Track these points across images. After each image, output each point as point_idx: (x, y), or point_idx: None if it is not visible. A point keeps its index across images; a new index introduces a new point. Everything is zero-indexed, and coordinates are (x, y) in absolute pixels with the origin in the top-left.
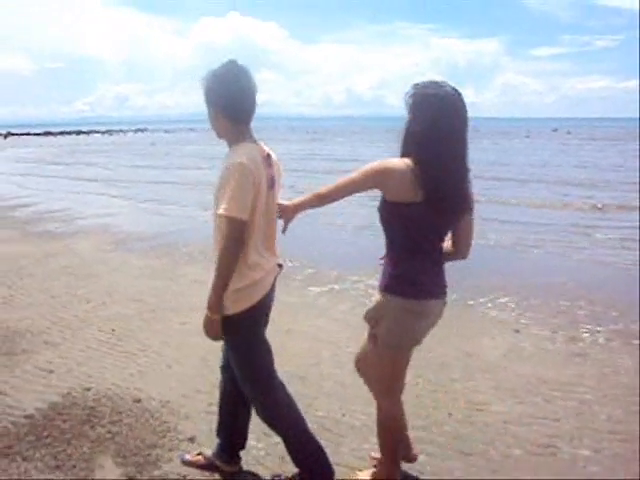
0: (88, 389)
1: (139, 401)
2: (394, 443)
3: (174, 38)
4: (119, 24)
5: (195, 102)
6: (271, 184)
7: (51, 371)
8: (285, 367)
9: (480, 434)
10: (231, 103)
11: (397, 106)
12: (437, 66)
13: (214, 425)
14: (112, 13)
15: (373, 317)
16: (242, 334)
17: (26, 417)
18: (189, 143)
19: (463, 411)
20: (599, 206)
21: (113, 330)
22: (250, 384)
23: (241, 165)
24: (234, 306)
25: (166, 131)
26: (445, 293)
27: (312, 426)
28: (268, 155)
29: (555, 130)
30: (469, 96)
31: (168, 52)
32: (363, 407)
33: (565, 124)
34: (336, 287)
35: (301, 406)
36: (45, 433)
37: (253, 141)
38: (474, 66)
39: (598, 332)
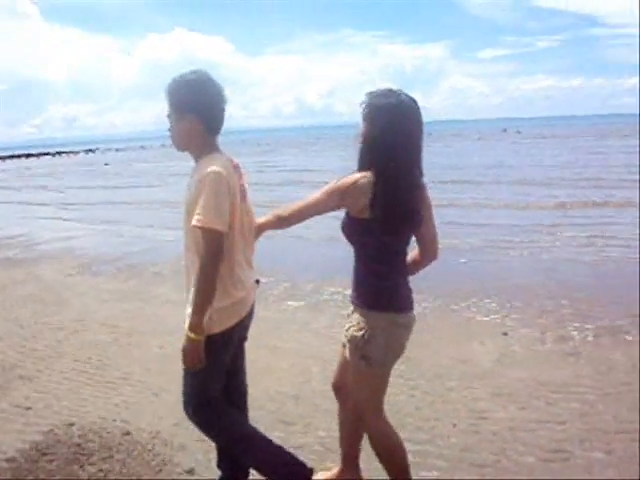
0: (71, 424)
1: (128, 434)
2: (401, 459)
3: (120, 56)
4: (65, 44)
5: (144, 120)
6: (243, 195)
7: (28, 408)
8: (276, 387)
9: (488, 444)
10: (209, 109)
11: (346, 114)
12: (385, 72)
13: (212, 454)
14: (57, 34)
15: (361, 338)
16: (216, 355)
17: (7, 460)
18: (142, 161)
19: (466, 420)
20: (561, 204)
21: (89, 359)
22: (204, 408)
23: (216, 174)
24: (216, 326)
25: (117, 150)
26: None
27: (316, 447)
28: (237, 165)
29: (505, 130)
30: (417, 101)
31: (115, 71)
32: None
33: (513, 124)
34: (314, 300)
35: (300, 427)
36: (30, 477)
37: (221, 152)
38: (421, 71)
39: (586, 330)
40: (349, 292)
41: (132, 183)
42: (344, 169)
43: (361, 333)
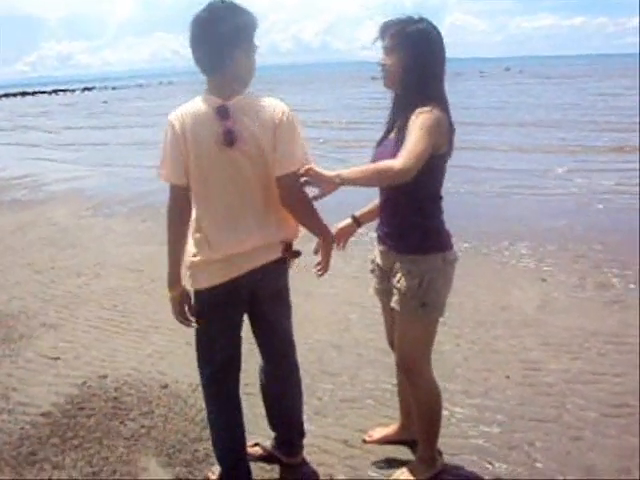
0: (104, 376)
1: (166, 387)
2: (438, 422)
3: None
4: None
5: (140, 58)
6: (227, 140)
7: (56, 358)
8: (316, 335)
9: (547, 397)
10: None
11: (344, 51)
12: (384, 9)
13: (258, 409)
14: None
15: (419, 287)
16: (205, 314)
17: (43, 415)
18: (139, 99)
19: (519, 372)
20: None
21: (115, 306)
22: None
23: (168, 122)
24: (192, 282)
25: (114, 88)
26: None
27: (367, 401)
28: (222, 107)
29: (508, 69)
30: None
31: (110, 8)
32: None
33: (515, 63)
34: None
35: (346, 378)
36: (70, 434)
37: (203, 94)
38: (421, 8)
39: (626, 276)
40: (373, 233)
41: (134, 122)
42: (346, 107)
43: (416, 281)
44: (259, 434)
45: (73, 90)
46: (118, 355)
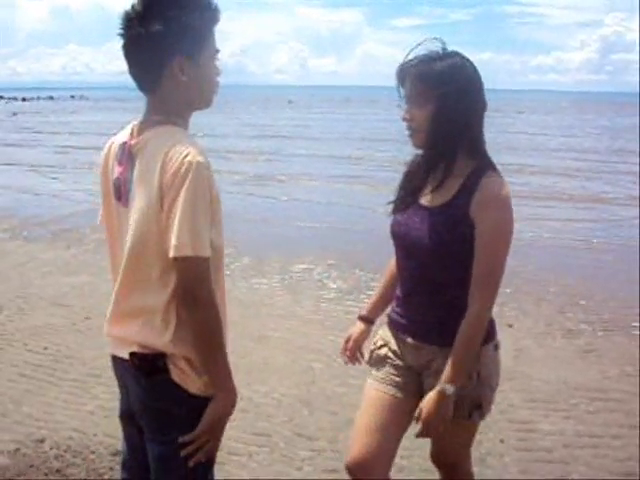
0: (41, 440)
1: (117, 454)
2: None
3: (28, 1)
4: None
5: (50, 69)
6: (115, 193)
7: None
8: (281, 388)
9: (548, 465)
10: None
11: (258, 74)
12: (301, 35)
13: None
14: None
15: (473, 387)
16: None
17: None
18: (51, 112)
19: (513, 434)
20: None
21: (45, 349)
22: None
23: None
24: None
25: (24, 99)
26: None
27: None
28: (124, 144)
29: None
30: (331, 65)
31: (21, 16)
32: None
33: None
34: (286, 278)
35: (325, 443)
36: None
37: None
38: (337, 35)
39: (591, 323)
40: (319, 270)
41: (48, 138)
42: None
43: (472, 381)
44: None
45: None
46: (55, 412)
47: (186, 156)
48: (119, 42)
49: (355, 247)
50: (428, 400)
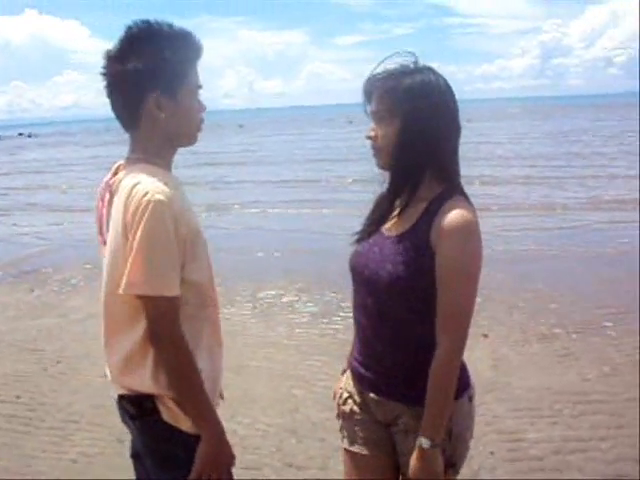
0: None
1: None
2: None
3: None
4: None
5: None
6: (100, 231)
7: None
8: (264, 418)
9: (540, 473)
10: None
11: (206, 98)
12: (246, 58)
13: None
14: None
15: (448, 444)
16: None
17: None
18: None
19: (502, 445)
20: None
21: (18, 397)
22: None
23: None
24: None
25: None
26: None
27: None
28: (106, 183)
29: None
30: (278, 87)
31: None
32: None
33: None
34: (257, 306)
35: (316, 471)
36: None
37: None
38: (282, 57)
39: (564, 326)
40: (290, 297)
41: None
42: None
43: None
44: None
45: None
46: (36, 463)
47: (145, 195)
48: (63, 76)
49: (321, 270)
50: (413, 459)
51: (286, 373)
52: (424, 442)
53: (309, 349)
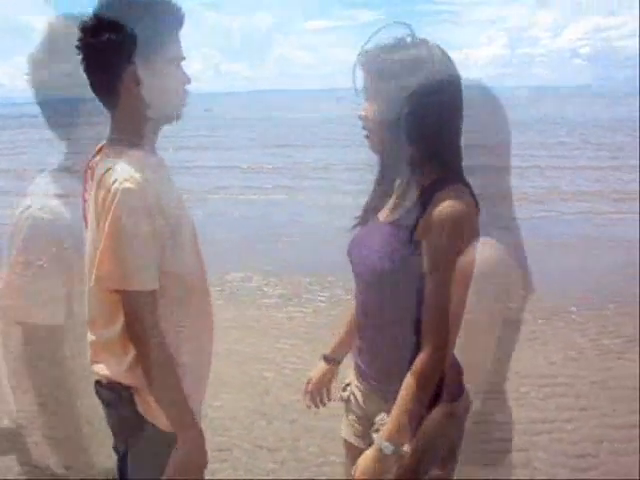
0: None
1: None
2: None
3: None
4: None
5: None
6: (84, 215)
7: None
8: (234, 402)
9: (508, 454)
10: None
11: None
12: (212, 41)
13: None
14: None
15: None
16: None
17: None
18: None
19: (469, 427)
20: None
21: None
22: None
23: None
24: None
25: None
26: None
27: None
28: (87, 164)
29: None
30: (245, 70)
31: None
32: None
33: (346, 94)
34: (225, 289)
35: (287, 453)
36: None
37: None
38: (249, 41)
39: (533, 312)
40: (258, 278)
41: None
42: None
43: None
44: None
45: None
46: None
47: (114, 182)
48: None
49: (289, 254)
50: (364, 458)
51: (256, 356)
52: (384, 445)
53: (278, 332)
